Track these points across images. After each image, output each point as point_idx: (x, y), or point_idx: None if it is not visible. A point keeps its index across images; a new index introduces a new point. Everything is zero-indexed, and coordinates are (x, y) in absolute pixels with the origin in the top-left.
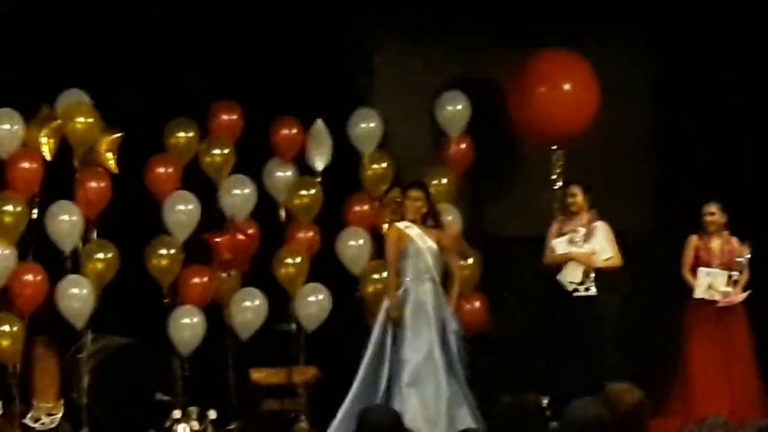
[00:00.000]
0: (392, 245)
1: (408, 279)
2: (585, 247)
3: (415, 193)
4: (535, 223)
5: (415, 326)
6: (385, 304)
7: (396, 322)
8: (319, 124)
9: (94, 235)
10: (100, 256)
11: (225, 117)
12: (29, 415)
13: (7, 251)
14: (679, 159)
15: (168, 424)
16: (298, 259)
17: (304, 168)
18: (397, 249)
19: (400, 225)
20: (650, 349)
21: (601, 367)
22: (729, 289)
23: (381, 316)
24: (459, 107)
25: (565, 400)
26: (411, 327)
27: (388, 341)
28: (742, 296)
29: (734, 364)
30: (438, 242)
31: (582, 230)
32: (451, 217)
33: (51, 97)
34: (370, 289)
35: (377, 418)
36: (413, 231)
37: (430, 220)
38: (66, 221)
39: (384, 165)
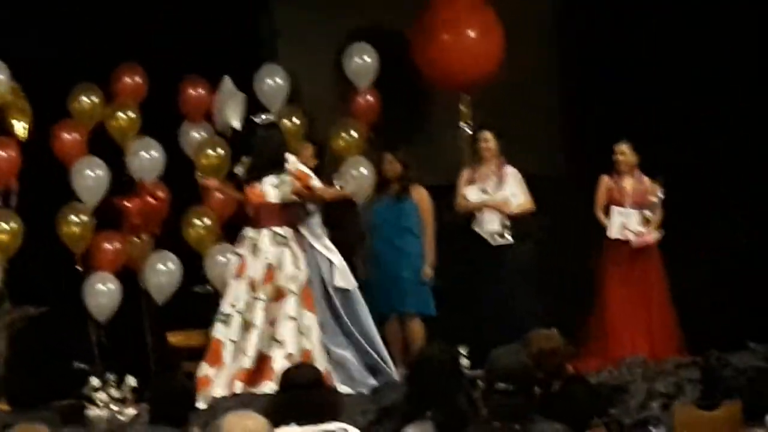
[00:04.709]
0: None
1: None
2: (498, 194)
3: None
4: (446, 171)
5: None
6: None
7: None
8: (227, 81)
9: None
10: (4, 226)
11: (128, 80)
12: None
13: None
14: (586, 100)
15: (87, 392)
16: (207, 221)
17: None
18: None
19: None
20: (568, 293)
21: (521, 313)
22: (642, 228)
23: None
24: (366, 59)
25: (486, 348)
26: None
27: None
28: (656, 236)
29: (651, 304)
30: None
31: (494, 177)
32: (363, 168)
33: None
34: None
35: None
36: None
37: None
38: None
39: (296, 120)
